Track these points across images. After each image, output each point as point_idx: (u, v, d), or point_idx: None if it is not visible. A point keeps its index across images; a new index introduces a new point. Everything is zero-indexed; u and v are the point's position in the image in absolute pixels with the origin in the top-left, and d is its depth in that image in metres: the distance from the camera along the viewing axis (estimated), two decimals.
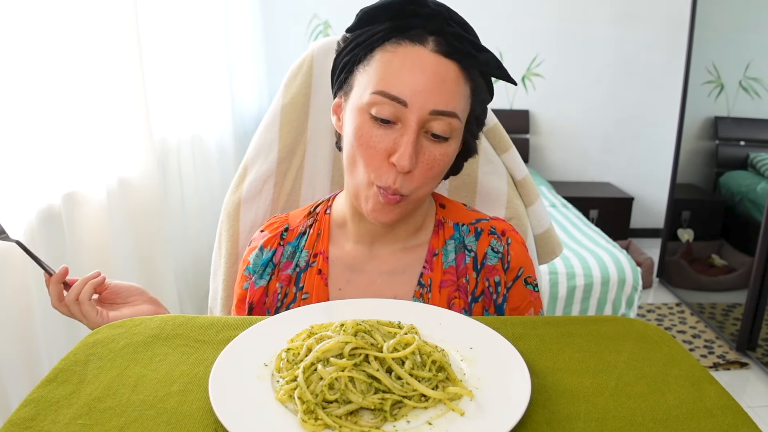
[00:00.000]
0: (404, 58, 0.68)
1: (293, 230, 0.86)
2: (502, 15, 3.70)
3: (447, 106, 0.68)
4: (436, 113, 0.68)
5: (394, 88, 0.67)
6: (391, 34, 0.70)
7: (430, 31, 0.69)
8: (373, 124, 0.69)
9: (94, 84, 1.48)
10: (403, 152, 0.67)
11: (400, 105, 0.67)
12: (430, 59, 0.68)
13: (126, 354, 0.60)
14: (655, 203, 3.98)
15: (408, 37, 0.69)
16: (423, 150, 0.70)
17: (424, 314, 0.66)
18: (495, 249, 0.82)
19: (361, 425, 0.49)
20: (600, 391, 0.54)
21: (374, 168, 0.70)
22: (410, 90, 0.67)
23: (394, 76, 0.68)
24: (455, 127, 0.70)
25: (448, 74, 0.69)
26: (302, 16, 3.67)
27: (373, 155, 0.70)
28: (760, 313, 2.45)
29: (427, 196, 0.77)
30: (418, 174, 0.70)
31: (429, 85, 0.67)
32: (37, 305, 1.25)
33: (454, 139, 0.72)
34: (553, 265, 2.19)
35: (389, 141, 0.69)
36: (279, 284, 0.83)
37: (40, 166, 1.30)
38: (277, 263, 0.84)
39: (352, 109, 0.72)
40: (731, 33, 2.96)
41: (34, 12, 1.26)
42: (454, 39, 0.69)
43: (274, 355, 0.58)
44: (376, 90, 0.68)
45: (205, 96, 2.37)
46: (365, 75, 0.71)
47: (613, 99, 3.87)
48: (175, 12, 2.07)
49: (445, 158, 0.72)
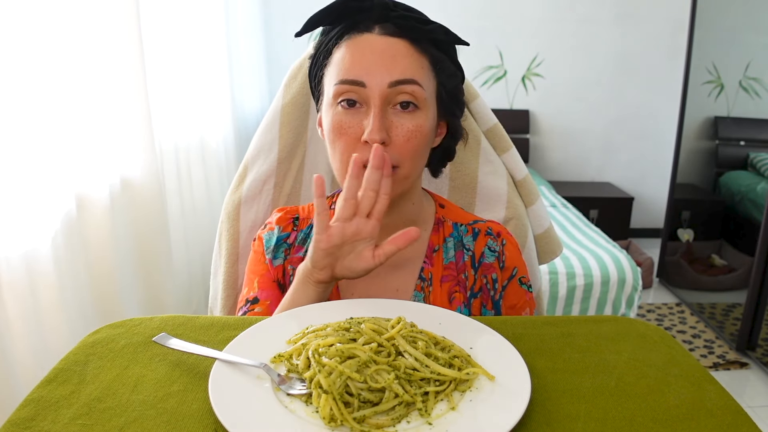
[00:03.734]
0: (355, 47, 0.74)
1: (304, 219, 0.88)
2: (502, 15, 3.70)
3: (404, 74, 0.72)
4: (395, 83, 0.72)
5: (351, 74, 0.72)
6: (343, 32, 0.76)
7: (375, 19, 0.75)
8: (342, 113, 0.74)
9: (96, 86, 1.48)
10: (372, 126, 0.71)
11: (360, 87, 0.72)
12: (379, 41, 0.74)
13: (126, 354, 0.60)
14: (655, 203, 3.98)
15: (356, 30, 0.75)
16: (394, 124, 0.73)
17: (424, 314, 0.66)
18: (492, 248, 0.85)
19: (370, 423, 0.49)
20: (600, 391, 0.54)
21: (351, 152, 0.72)
22: (365, 70, 0.72)
23: (349, 64, 0.73)
24: (420, 96, 0.73)
25: (399, 50, 0.73)
26: (302, 16, 3.63)
27: (347, 141, 0.73)
28: (760, 313, 2.45)
29: (416, 175, 0.78)
30: (398, 146, 0.73)
31: (382, 62, 0.72)
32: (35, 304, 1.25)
33: (424, 109, 0.74)
34: (553, 265, 2.19)
35: (358, 123, 0.73)
36: (291, 266, 0.84)
37: (50, 172, 1.31)
38: (291, 244, 0.85)
39: (326, 109, 0.77)
40: (731, 33, 2.97)
41: (38, 15, 1.26)
42: (399, 20, 0.74)
43: (274, 355, 0.58)
44: (337, 81, 0.74)
45: (206, 96, 2.37)
46: (329, 75, 0.76)
47: (613, 99, 3.87)
48: (176, 13, 2.07)
49: (421, 129, 0.74)
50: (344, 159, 0.74)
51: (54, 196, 1.35)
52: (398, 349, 0.55)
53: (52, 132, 1.33)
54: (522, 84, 3.85)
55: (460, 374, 0.54)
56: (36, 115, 1.27)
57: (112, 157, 1.56)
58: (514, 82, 3.85)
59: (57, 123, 1.34)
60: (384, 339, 0.56)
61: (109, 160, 1.54)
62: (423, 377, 0.53)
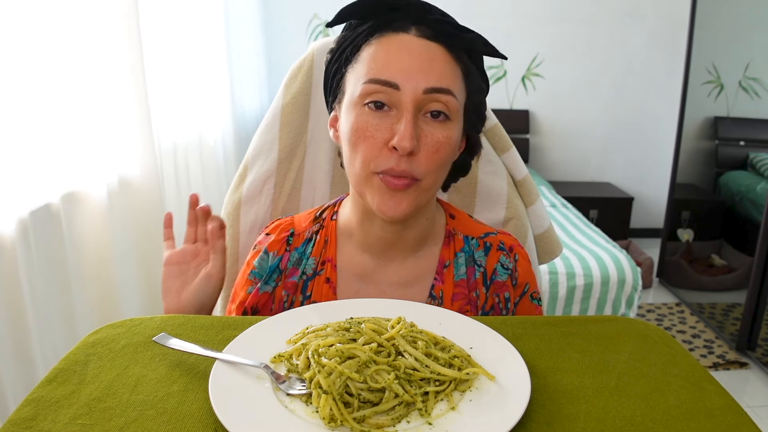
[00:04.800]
0: (390, 46, 0.69)
1: (299, 235, 0.83)
2: (502, 15, 3.70)
3: (440, 82, 0.68)
4: (430, 91, 0.67)
5: (384, 74, 0.67)
6: (375, 29, 0.71)
7: (412, 20, 0.70)
8: (368, 114, 0.68)
9: (95, 83, 1.48)
10: (403, 133, 0.66)
11: (392, 89, 0.67)
12: (416, 43, 0.69)
13: (126, 354, 0.60)
14: (655, 203, 3.98)
15: (391, 29, 0.70)
16: (424, 132, 0.68)
17: (424, 314, 0.66)
18: (504, 266, 0.82)
19: (370, 423, 0.49)
20: (600, 391, 0.54)
21: (373, 157, 0.68)
22: (401, 72, 0.67)
23: (382, 63, 0.68)
24: (453, 106, 0.69)
25: (436, 54, 0.69)
26: (302, 16, 3.67)
27: (372, 144, 0.68)
28: (760, 313, 2.45)
29: (436, 188, 0.74)
30: (424, 157, 0.68)
31: (419, 65, 0.67)
32: (30, 304, 1.25)
33: (455, 121, 0.70)
34: (553, 265, 2.19)
35: (386, 128, 0.68)
36: (285, 291, 0.81)
37: (39, 165, 1.30)
38: (283, 269, 0.82)
39: (347, 109, 0.71)
40: (731, 33, 2.97)
41: (37, 12, 1.26)
42: (436, 24, 0.70)
43: (274, 355, 0.58)
44: (366, 80, 0.68)
45: (205, 96, 2.37)
46: (355, 72, 0.71)
47: (613, 99, 3.87)
48: (176, 12, 2.07)
49: (450, 141, 0.70)
50: (365, 164, 0.69)
51: (52, 194, 1.35)
52: (398, 349, 0.55)
53: (51, 130, 1.33)
54: (522, 84, 3.85)
55: (460, 374, 0.54)
56: (34, 113, 1.27)
57: (110, 155, 1.56)
58: (514, 82, 3.85)
59: (55, 122, 1.34)
60: (384, 339, 0.56)
61: (107, 159, 1.54)
62: (423, 377, 0.53)
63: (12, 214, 1.21)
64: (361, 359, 0.53)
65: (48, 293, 1.32)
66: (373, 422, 0.49)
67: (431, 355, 0.55)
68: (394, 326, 0.57)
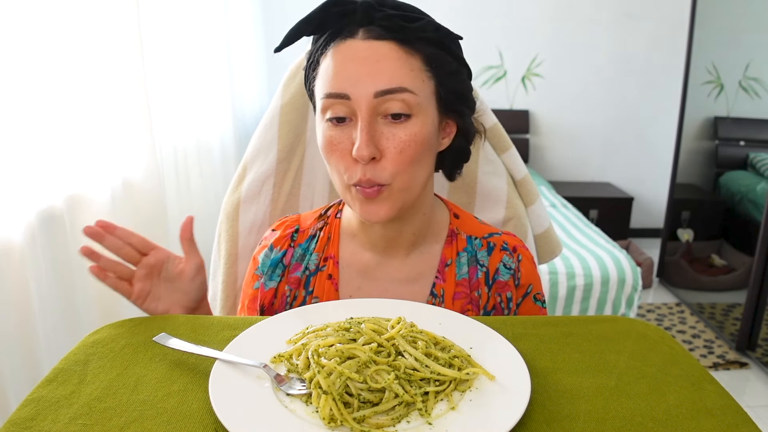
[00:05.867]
0: (338, 55, 0.69)
1: (304, 232, 0.84)
2: (501, 15, 3.70)
3: (390, 83, 0.67)
4: (381, 93, 0.67)
5: (335, 86, 0.68)
6: (329, 39, 0.71)
7: (359, 23, 0.69)
8: (331, 128, 0.70)
9: (97, 86, 1.48)
10: (359, 143, 0.66)
11: (345, 100, 0.68)
12: (361, 47, 0.68)
13: (126, 354, 0.60)
14: (655, 203, 3.98)
15: (341, 36, 0.70)
16: (385, 136, 0.68)
17: (424, 314, 0.66)
18: (507, 265, 0.82)
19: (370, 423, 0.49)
20: (600, 391, 0.54)
21: (344, 169, 0.70)
22: (348, 82, 0.67)
23: (332, 75, 0.69)
24: (412, 103, 0.68)
25: (384, 54, 0.68)
26: (302, 17, 3.67)
27: (339, 158, 0.70)
28: (760, 313, 2.45)
29: (417, 185, 0.73)
30: (389, 160, 0.68)
31: (365, 70, 0.67)
32: (37, 306, 1.25)
33: (418, 116, 0.69)
34: (553, 265, 2.19)
35: (348, 139, 0.69)
36: (288, 287, 0.82)
37: (43, 168, 1.30)
38: (287, 265, 0.82)
39: (318, 124, 0.73)
40: (731, 33, 2.97)
41: (39, 15, 1.26)
42: (385, 20, 0.69)
43: (274, 355, 0.58)
44: (322, 95, 0.70)
45: (206, 97, 2.37)
46: (318, 87, 0.72)
47: (613, 99, 3.87)
48: (176, 13, 2.07)
49: (416, 138, 0.69)
50: (340, 176, 0.71)
51: (55, 197, 1.35)
52: (398, 349, 0.55)
53: (54, 134, 1.33)
54: (522, 84, 3.85)
55: (460, 374, 0.54)
56: (37, 117, 1.27)
57: (113, 158, 1.56)
58: (514, 82, 3.85)
59: (58, 125, 1.34)
60: (384, 339, 0.56)
61: (110, 162, 1.54)
62: (423, 377, 0.53)
63: (20, 218, 1.21)
64: (361, 359, 0.53)
65: (53, 295, 1.32)
66: (373, 422, 0.49)
67: (431, 355, 0.55)
68: (394, 326, 0.57)
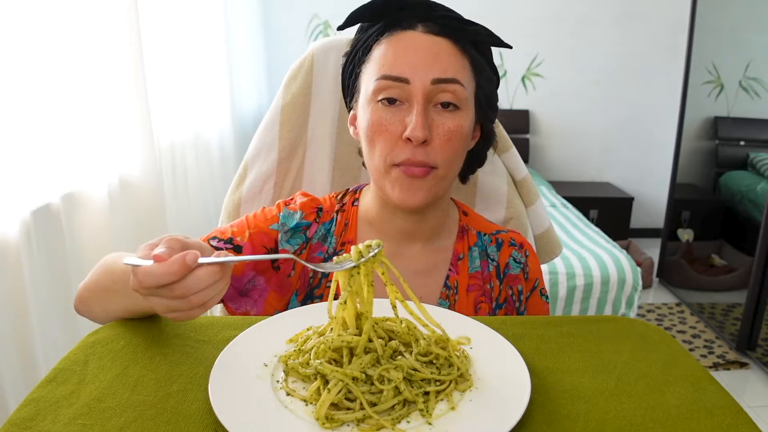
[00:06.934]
0: (398, 43, 0.73)
1: (327, 212, 0.84)
2: (501, 15, 3.70)
3: (446, 73, 0.72)
4: (438, 81, 0.71)
5: (394, 69, 0.72)
6: (384, 29, 0.75)
7: (418, 18, 0.74)
8: (382, 109, 0.73)
9: (95, 83, 1.48)
10: (414, 124, 0.70)
11: (402, 83, 0.71)
12: (423, 38, 0.73)
13: (126, 354, 0.60)
14: (655, 203, 3.98)
15: (399, 27, 0.74)
16: (435, 123, 0.72)
17: None
18: (517, 260, 0.86)
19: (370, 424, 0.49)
20: (600, 391, 0.54)
21: (390, 150, 0.72)
22: (409, 67, 0.71)
23: (392, 60, 0.72)
24: (462, 96, 0.73)
25: (442, 48, 0.73)
26: (302, 16, 3.67)
27: (387, 138, 0.72)
28: (760, 313, 2.45)
29: (452, 177, 0.78)
30: (438, 146, 0.72)
31: (426, 59, 0.71)
32: (33, 304, 1.25)
33: (465, 110, 0.74)
34: (553, 265, 2.19)
35: (400, 121, 0.72)
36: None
37: (39, 165, 1.30)
38: (309, 238, 0.82)
39: (363, 106, 0.76)
40: (731, 33, 2.97)
41: (37, 12, 1.26)
42: (441, 19, 0.74)
43: (274, 355, 0.58)
44: (378, 77, 0.73)
45: (205, 96, 2.37)
46: (368, 71, 0.75)
47: (613, 99, 3.87)
48: (175, 12, 2.07)
49: (461, 130, 0.73)
50: (384, 157, 0.73)
51: (52, 194, 1.35)
52: (398, 349, 0.56)
53: (51, 131, 1.33)
54: (522, 84, 3.85)
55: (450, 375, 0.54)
56: (33, 113, 1.27)
57: (110, 155, 1.56)
58: (514, 82, 3.85)
59: (56, 122, 1.34)
60: (385, 335, 0.56)
61: (107, 159, 1.54)
62: (423, 377, 0.53)
63: (15, 215, 1.21)
64: (364, 361, 0.53)
65: (49, 293, 1.32)
66: (373, 422, 0.49)
67: (431, 353, 0.55)
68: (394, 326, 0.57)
